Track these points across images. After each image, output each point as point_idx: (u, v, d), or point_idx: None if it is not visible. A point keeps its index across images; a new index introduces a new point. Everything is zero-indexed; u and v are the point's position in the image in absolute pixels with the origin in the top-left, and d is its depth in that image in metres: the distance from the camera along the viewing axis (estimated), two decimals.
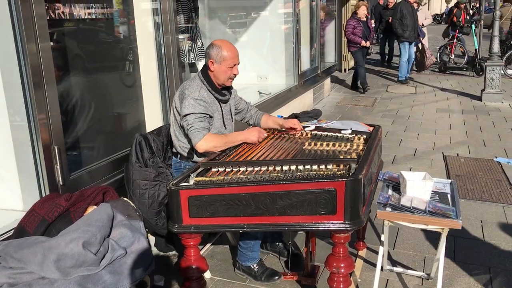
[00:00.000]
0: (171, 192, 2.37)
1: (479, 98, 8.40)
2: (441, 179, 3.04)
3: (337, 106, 8.34)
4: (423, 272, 3.07)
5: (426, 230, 3.34)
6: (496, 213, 3.94)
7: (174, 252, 3.36)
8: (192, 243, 2.49)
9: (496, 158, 5.30)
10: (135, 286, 2.17)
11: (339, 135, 3.14)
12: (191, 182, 2.43)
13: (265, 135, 3.07)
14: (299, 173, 2.42)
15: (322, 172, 2.41)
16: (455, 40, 11.99)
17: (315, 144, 2.93)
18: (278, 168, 2.51)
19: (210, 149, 2.84)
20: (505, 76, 10.10)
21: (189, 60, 5.34)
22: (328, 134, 3.18)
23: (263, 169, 2.53)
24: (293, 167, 2.50)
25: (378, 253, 2.86)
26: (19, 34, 2.45)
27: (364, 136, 3.08)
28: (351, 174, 2.33)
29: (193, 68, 5.45)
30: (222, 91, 3.06)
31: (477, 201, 4.18)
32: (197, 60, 5.40)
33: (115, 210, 2.38)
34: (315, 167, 2.47)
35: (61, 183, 2.67)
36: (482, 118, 7.19)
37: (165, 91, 3.69)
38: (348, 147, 2.86)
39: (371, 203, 2.64)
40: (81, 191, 2.54)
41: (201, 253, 3.33)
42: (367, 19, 9.11)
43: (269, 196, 2.28)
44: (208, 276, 3.05)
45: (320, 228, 2.30)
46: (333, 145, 2.91)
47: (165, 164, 3.19)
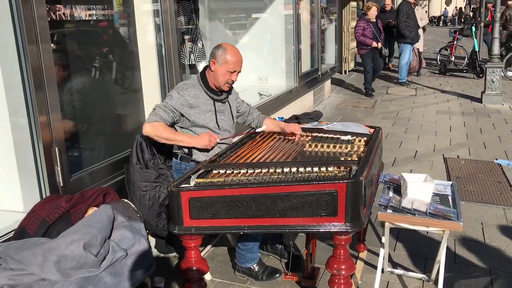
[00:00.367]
0: (172, 193, 2.37)
1: (480, 100, 8.40)
2: (442, 181, 3.03)
3: (337, 108, 8.34)
4: (423, 274, 3.07)
5: (427, 232, 3.35)
6: (497, 215, 3.94)
7: (174, 254, 3.35)
8: (192, 244, 2.49)
9: (496, 160, 5.30)
10: None
11: (339, 137, 3.14)
12: (192, 183, 2.44)
13: (218, 140, 2.99)
14: (300, 175, 2.42)
15: (323, 174, 2.41)
16: (455, 42, 12.00)
17: (315, 146, 2.93)
18: (279, 170, 2.51)
19: (152, 135, 2.86)
20: (505, 78, 10.10)
21: (189, 62, 5.35)
22: (328, 136, 3.18)
23: (264, 171, 2.53)
24: (294, 169, 2.50)
25: (378, 255, 2.86)
26: (20, 35, 2.45)
27: (365, 138, 3.08)
28: (352, 176, 2.34)
29: (194, 70, 5.46)
30: (217, 91, 3.05)
31: (477, 203, 4.17)
32: (198, 61, 5.41)
33: (115, 212, 2.38)
34: (316, 169, 2.47)
35: (61, 185, 2.66)
36: (482, 120, 7.19)
37: (165, 92, 3.68)
38: (349, 149, 2.86)
39: (372, 205, 2.64)
40: (81, 193, 2.54)
41: (202, 254, 3.33)
42: (376, 20, 8.97)
43: (270, 197, 2.27)
44: (208, 277, 3.04)
45: (321, 230, 2.30)
46: (334, 147, 2.91)
47: (166, 165, 3.19)
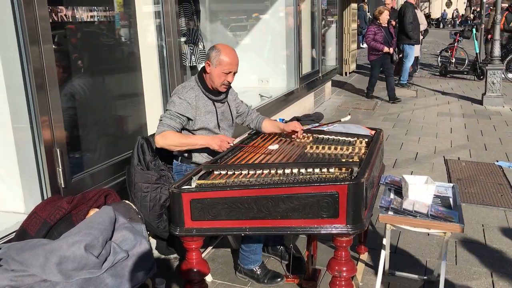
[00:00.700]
0: (173, 195, 2.36)
1: (480, 102, 8.41)
2: (443, 183, 3.03)
3: (338, 109, 8.34)
4: (424, 276, 3.07)
5: (428, 234, 3.34)
6: (498, 217, 3.94)
7: (175, 255, 3.35)
8: (194, 246, 2.49)
9: (497, 162, 5.30)
10: None
11: (341, 138, 3.14)
12: (193, 185, 2.43)
13: (230, 144, 2.89)
14: (301, 177, 2.42)
15: (324, 176, 2.41)
16: (456, 44, 12.01)
17: (317, 148, 2.93)
18: (280, 171, 2.51)
19: (165, 146, 2.86)
20: (506, 80, 10.10)
21: (190, 63, 5.34)
22: (330, 137, 3.18)
23: (265, 172, 2.52)
24: (295, 171, 2.50)
25: (379, 257, 2.86)
26: (22, 36, 2.45)
27: (366, 140, 3.08)
28: (353, 177, 2.33)
29: (194, 71, 5.44)
30: (216, 92, 3.05)
31: (478, 205, 4.17)
32: (199, 63, 5.40)
33: (117, 213, 2.38)
34: (317, 170, 2.47)
35: (63, 186, 2.66)
36: (483, 122, 7.19)
37: (166, 93, 3.69)
38: (350, 150, 2.86)
39: (373, 207, 2.63)
40: (83, 194, 2.54)
41: (203, 256, 3.33)
42: (388, 25, 8.70)
43: (271, 199, 2.27)
44: (209, 279, 3.04)
45: (322, 232, 2.30)
46: (335, 148, 2.91)
47: (167, 166, 3.19)
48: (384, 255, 2.83)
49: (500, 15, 8.65)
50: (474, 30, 11.45)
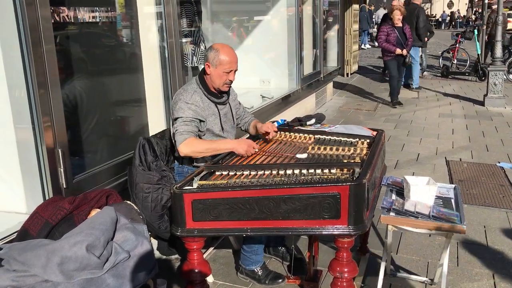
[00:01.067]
0: (175, 195, 2.36)
1: (482, 103, 8.40)
2: (445, 184, 3.03)
3: (339, 110, 8.34)
4: (426, 277, 3.06)
5: (430, 235, 3.34)
6: (500, 218, 3.93)
7: (176, 256, 3.35)
8: (195, 246, 2.49)
9: (499, 163, 5.29)
10: None
11: (342, 139, 3.14)
12: (195, 185, 2.43)
13: (255, 150, 2.86)
14: (302, 177, 2.42)
15: (325, 177, 2.41)
16: (457, 45, 12.00)
17: (318, 149, 2.93)
18: (282, 172, 2.51)
19: (191, 153, 2.83)
20: (507, 81, 10.09)
21: (192, 64, 5.34)
22: (331, 138, 3.17)
23: (267, 173, 2.52)
24: (296, 171, 2.50)
25: (381, 258, 2.85)
26: (24, 36, 2.45)
27: (368, 141, 3.08)
28: (355, 178, 2.33)
29: (196, 72, 5.45)
30: (218, 93, 3.05)
31: (480, 206, 4.17)
32: (200, 64, 5.40)
33: (118, 213, 2.37)
34: (318, 171, 2.47)
35: (64, 186, 2.67)
36: (484, 123, 7.18)
37: (168, 94, 3.69)
38: (351, 151, 2.86)
39: (375, 208, 2.63)
40: (84, 194, 2.54)
41: (204, 256, 3.32)
42: (403, 24, 8.18)
43: (272, 200, 2.27)
44: (210, 280, 3.04)
45: (323, 233, 2.30)
46: (337, 149, 2.90)
47: (168, 167, 3.19)
48: (386, 256, 2.82)
49: (502, 16, 8.63)
50: (475, 31, 11.44)
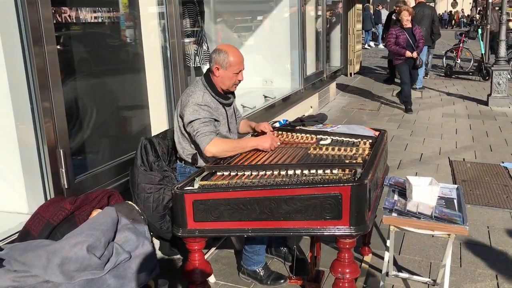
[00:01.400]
0: (176, 196, 2.36)
1: (486, 103, 8.36)
2: (448, 184, 3.01)
3: (342, 110, 8.32)
4: (429, 278, 3.05)
5: (433, 236, 3.32)
6: (503, 218, 3.91)
7: (178, 256, 3.35)
8: (196, 247, 2.48)
9: (502, 163, 5.27)
10: None
11: (344, 139, 3.13)
12: (196, 186, 2.43)
13: (278, 143, 2.99)
14: (304, 178, 2.41)
15: (327, 177, 2.40)
16: (461, 45, 11.95)
17: (320, 149, 2.92)
18: (283, 173, 2.50)
19: (219, 153, 2.81)
20: (511, 80, 10.05)
21: (194, 64, 5.34)
22: (333, 138, 3.16)
23: (268, 173, 2.52)
24: (298, 172, 2.49)
25: (383, 258, 2.84)
26: (25, 37, 2.45)
27: (370, 141, 3.06)
28: (356, 179, 2.32)
29: (199, 72, 5.45)
30: (225, 94, 3.05)
31: (483, 206, 4.14)
32: (203, 63, 5.40)
33: (119, 214, 2.37)
34: (320, 171, 2.46)
35: (66, 187, 2.67)
36: (488, 123, 7.15)
37: (170, 94, 3.69)
38: (353, 151, 2.85)
39: (377, 208, 2.62)
40: (86, 195, 2.54)
41: (206, 257, 3.32)
42: (413, 25, 7.81)
43: (274, 200, 2.27)
44: (212, 280, 3.04)
45: (325, 233, 2.29)
46: (339, 149, 2.89)
47: (170, 167, 3.18)
48: (388, 257, 2.81)
49: (506, 15, 8.59)
50: (479, 30, 11.39)
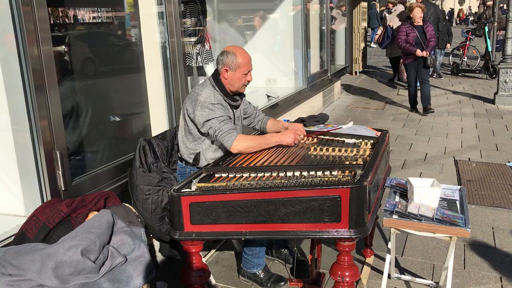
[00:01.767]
0: (172, 198, 2.33)
1: (492, 101, 8.28)
2: (450, 185, 2.96)
3: (347, 109, 8.27)
4: (431, 280, 3.00)
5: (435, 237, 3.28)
6: (508, 219, 3.85)
7: (178, 258, 3.32)
8: (193, 250, 2.45)
9: (509, 162, 5.20)
10: None
11: (345, 140, 3.09)
12: (193, 188, 2.40)
13: (301, 136, 3.02)
14: (303, 179, 2.37)
15: (326, 179, 2.36)
16: (467, 42, 11.85)
17: (320, 150, 2.87)
18: (282, 174, 2.46)
19: (245, 149, 2.81)
20: None
21: (196, 64, 5.31)
22: (334, 139, 3.12)
23: (267, 175, 2.48)
24: (297, 173, 2.45)
25: (385, 260, 2.80)
26: (20, 37, 2.43)
27: (371, 141, 3.02)
28: (356, 180, 2.28)
29: (201, 71, 5.42)
30: (234, 96, 3.03)
31: (488, 207, 4.08)
32: (205, 63, 5.37)
33: (115, 216, 2.34)
34: (319, 173, 2.42)
35: (63, 189, 2.65)
36: (495, 122, 7.07)
37: (170, 95, 3.66)
38: (354, 152, 2.80)
39: (378, 210, 2.58)
40: (82, 197, 2.51)
41: (206, 259, 3.30)
42: (424, 23, 7.50)
43: (271, 203, 2.23)
44: (212, 282, 3.01)
45: (324, 236, 2.25)
46: (339, 150, 2.85)
47: (169, 169, 3.16)
48: (389, 259, 2.77)
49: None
50: (486, 28, 11.28)
